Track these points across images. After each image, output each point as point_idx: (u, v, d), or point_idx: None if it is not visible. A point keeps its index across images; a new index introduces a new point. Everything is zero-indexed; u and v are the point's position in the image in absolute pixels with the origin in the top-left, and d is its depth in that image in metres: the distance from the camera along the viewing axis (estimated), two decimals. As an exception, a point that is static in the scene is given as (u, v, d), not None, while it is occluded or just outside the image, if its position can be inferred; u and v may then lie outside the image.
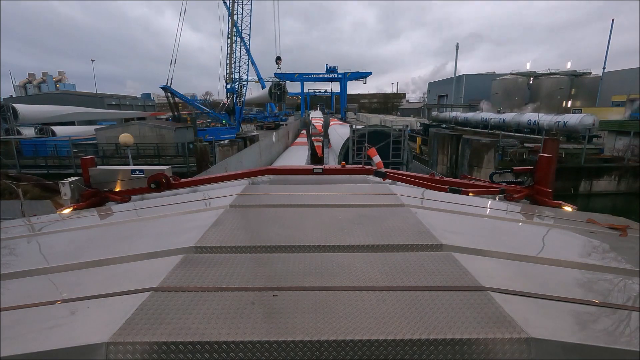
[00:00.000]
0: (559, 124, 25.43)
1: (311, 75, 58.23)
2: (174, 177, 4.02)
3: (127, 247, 1.93)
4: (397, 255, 1.62)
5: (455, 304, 1.18)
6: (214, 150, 20.25)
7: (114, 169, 4.25)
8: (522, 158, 18.79)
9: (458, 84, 55.64)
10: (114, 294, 1.27)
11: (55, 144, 27.14)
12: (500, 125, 31.90)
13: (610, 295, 1.39)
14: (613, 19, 42.71)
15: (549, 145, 16.39)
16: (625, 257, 1.90)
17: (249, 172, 4.37)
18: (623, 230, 2.37)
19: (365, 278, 1.39)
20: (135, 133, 22.68)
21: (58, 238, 2.20)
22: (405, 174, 4.28)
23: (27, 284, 1.48)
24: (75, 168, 20.73)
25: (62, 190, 3.73)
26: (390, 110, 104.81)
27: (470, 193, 3.73)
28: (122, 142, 11.52)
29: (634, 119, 25.11)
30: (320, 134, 26.10)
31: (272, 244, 1.73)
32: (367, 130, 15.85)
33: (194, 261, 1.54)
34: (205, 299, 1.22)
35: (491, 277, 1.41)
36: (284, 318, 1.10)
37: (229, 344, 0.99)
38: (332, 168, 4.51)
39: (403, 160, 15.10)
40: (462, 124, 38.94)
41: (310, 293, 1.27)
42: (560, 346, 0.99)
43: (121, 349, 0.96)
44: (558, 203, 3.48)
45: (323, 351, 0.99)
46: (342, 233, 1.89)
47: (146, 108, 70.59)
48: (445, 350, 1.00)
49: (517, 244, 2.00)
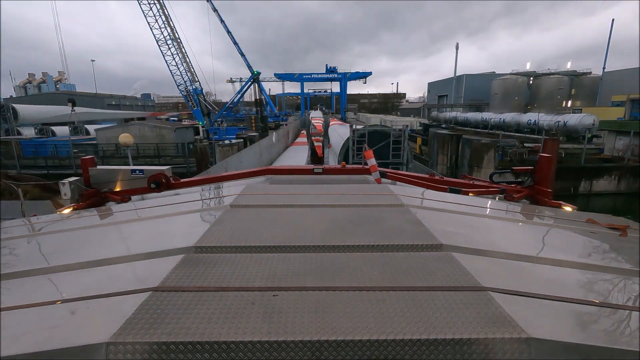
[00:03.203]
0: (559, 124, 25.44)
1: (311, 75, 58.31)
2: (174, 177, 4.02)
3: (127, 247, 1.93)
4: (397, 255, 1.62)
5: (455, 304, 1.18)
6: (213, 150, 20.25)
7: (114, 169, 4.25)
8: (522, 158, 18.80)
9: (458, 83, 55.56)
10: (114, 294, 1.27)
11: (55, 144, 27.16)
12: (500, 125, 31.90)
13: (610, 295, 1.39)
14: (613, 19, 42.80)
15: (549, 145, 16.42)
16: (625, 257, 1.90)
17: (249, 172, 4.37)
18: (623, 230, 2.37)
19: (365, 278, 1.39)
20: (135, 133, 22.73)
21: (58, 238, 2.20)
22: (405, 174, 4.28)
23: (27, 284, 1.48)
24: (75, 168, 20.77)
25: (62, 190, 3.73)
26: (390, 110, 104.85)
27: (470, 193, 3.73)
28: (122, 142, 11.54)
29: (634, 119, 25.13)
30: (320, 134, 26.12)
31: (272, 244, 1.72)
32: (367, 130, 15.82)
33: (194, 261, 1.54)
34: (205, 299, 1.22)
35: (491, 277, 1.41)
36: (284, 318, 1.10)
37: (229, 344, 0.99)
38: (332, 168, 4.51)
39: (403, 160, 15.08)
40: (462, 124, 38.93)
41: (310, 293, 1.27)
42: (560, 346, 0.99)
43: (121, 349, 0.96)
44: (558, 203, 3.48)
45: (323, 351, 0.99)
46: (342, 233, 1.89)
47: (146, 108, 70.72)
48: (445, 350, 1.00)
49: (517, 244, 2.00)
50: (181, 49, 31.69)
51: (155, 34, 30.30)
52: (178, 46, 31.37)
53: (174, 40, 31.02)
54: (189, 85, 32.79)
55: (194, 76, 33.09)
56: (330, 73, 57.84)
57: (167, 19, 30.35)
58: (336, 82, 59.65)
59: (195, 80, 33.29)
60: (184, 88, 32.78)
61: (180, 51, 31.61)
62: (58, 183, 3.80)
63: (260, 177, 4.40)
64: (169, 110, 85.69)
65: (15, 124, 33.60)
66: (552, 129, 25.37)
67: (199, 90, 33.68)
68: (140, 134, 26.78)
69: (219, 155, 18.79)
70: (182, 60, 31.84)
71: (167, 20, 30.33)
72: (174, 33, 30.86)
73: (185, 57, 32.11)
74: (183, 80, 32.39)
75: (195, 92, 33.38)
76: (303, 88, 61.99)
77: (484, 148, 18.82)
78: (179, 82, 32.48)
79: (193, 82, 33.04)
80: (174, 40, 31.03)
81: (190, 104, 33.91)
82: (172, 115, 61.79)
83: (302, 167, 4.70)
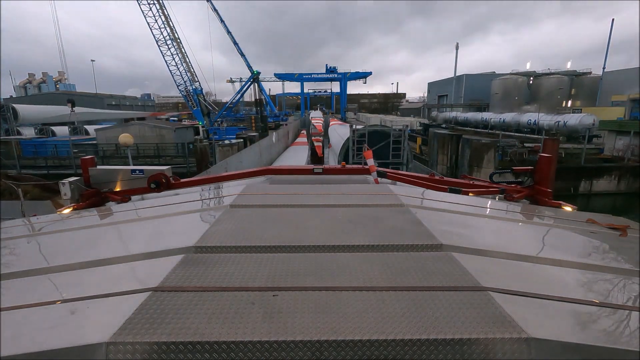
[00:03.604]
0: (558, 124, 25.44)
1: (311, 75, 58.35)
2: (174, 177, 4.02)
3: (127, 247, 1.93)
4: (397, 255, 1.62)
5: (455, 304, 1.18)
6: (213, 150, 20.24)
7: (114, 169, 4.25)
8: (522, 158, 18.79)
9: (458, 83, 55.60)
10: (114, 294, 1.27)
11: (55, 144, 27.18)
12: (500, 125, 31.91)
13: (610, 295, 1.39)
14: (613, 19, 42.81)
15: (549, 145, 16.42)
16: (625, 257, 1.90)
17: (249, 172, 4.37)
18: (623, 230, 2.37)
19: (365, 278, 1.39)
20: (135, 133, 22.71)
21: (58, 238, 2.20)
22: (405, 174, 4.29)
23: (27, 284, 1.48)
24: (75, 168, 20.76)
25: (62, 190, 3.73)
26: (390, 110, 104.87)
27: (470, 193, 3.73)
28: (122, 143, 11.55)
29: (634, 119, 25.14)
30: (320, 134, 26.14)
31: (272, 244, 1.72)
32: (367, 130, 15.83)
33: (194, 261, 1.54)
34: (205, 299, 1.22)
35: (491, 277, 1.41)
36: (284, 318, 1.10)
37: (229, 344, 0.98)
38: (332, 168, 4.51)
39: (403, 160, 15.08)
40: (462, 124, 38.93)
41: (310, 293, 1.27)
42: (560, 346, 0.99)
43: (121, 349, 0.96)
44: (558, 203, 3.48)
45: (323, 351, 0.99)
46: (342, 233, 1.89)
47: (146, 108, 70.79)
48: (445, 350, 1.00)
49: (517, 244, 2.00)
50: (181, 49, 31.75)
51: (155, 34, 30.35)
52: (178, 46, 31.42)
53: (173, 40, 31.06)
54: (188, 85, 32.85)
55: (194, 76, 33.15)
56: (330, 73, 57.90)
57: (167, 19, 30.39)
58: (336, 82, 59.71)
59: (195, 80, 33.35)
60: (183, 88, 32.84)
61: (180, 51, 31.67)
62: (58, 183, 3.80)
63: (260, 177, 4.41)
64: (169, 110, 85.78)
65: (15, 124, 33.62)
66: (552, 129, 25.38)
67: (198, 90, 33.74)
68: (140, 134, 26.78)
69: (219, 155, 18.78)
70: (182, 60, 31.90)
71: (167, 20, 30.37)
72: (173, 33, 30.91)
73: (185, 57, 32.18)
74: (183, 80, 32.46)
75: (195, 92, 33.43)
76: (303, 88, 62.05)
77: (484, 148, 18.82)
78: (178, 82, 32.54)
79: (193, 82, 33.09)
80: (173, 40, 31.07)
81: (190, 104, 33.99)
82: (172, 115, 61.88)
83: (302, 167, 4.70)
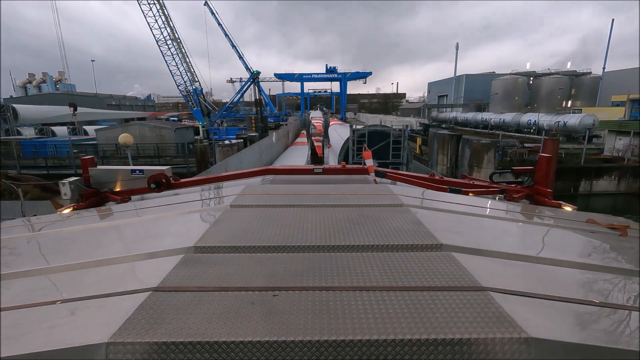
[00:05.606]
0: (558, 124, 25.45)
1: (311, 75, 58.36)
2: (174, 177, 4.02)
3: (127, 247, 1.93)
4: (397, 255, 1.62)
5: (455, 304, 1.18)
6: (213, 150, 20.24)
7: (114, 169, 4.25)
8: (522, 158, 18.80)
9: (458, 83, 55.64)
10: (114, 294, 1.27)
11: (55, 144, 27.17)
12: (500, 125, 31.91)
13: (610, 295, 1.39)
14: (613, 19, 42.81)
15: (549, 145, 16.42)
16: (625, 257, 1.90)
17: (249, 172, 4.37)
18: (623, 230, 2.37)
19: (365, 278, 1.39)
20: (135, 133, 22.71)
21: (58, 238, 2.20)
22: (405, 174, 4.29)
23: (27, 284, 1.48)
24: (75, 168, 20.75)
25: (62, 190, 3.73)
26: (390, 110, 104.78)
27: (470, 193, 3.73)
28: (122, 143, 11.54)
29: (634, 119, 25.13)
30: (320, 134, 26.13)
31: (272, 244, 1.72)
32: (367, 130, 15.83)
33: (194, 261, 1.54)
34: (205, 299, 1.22)
35: (491, 277, 1.41)
36: (284, 318, 1.10)
37: (229, 344, 0.98)
38: (332, 168, 4.51)
39: (403, 160, 15.08)
40: (462, 124, 38.93)
41: (310, 293, 1.27)
42: (560, 346, 0.99)
43: (121, 349, 0.96)
44: (558, 203, 3.48)
45: (323, 351, 0.99)
46: (342, 233, 1.89)
47: (146, 108, 70.77)
48: (445, 350, 0.99)
49: (517, 244, 2.00)
50: (181, 49, 31.73)
51: (155, 34, 30.33)
52: (178, 46, 31.39)
53: (173, 40, 31.04)
54: (189, 86, 32.83)
55: (194, 76, 33.12)
56: (330, 73, 57.90)
57: (167, 19, 30.37)
58: (336, 82, 59.71)
59: (195, 80, 33.33)
60: (183, 88, 32.82)
61: (180, 51, 31.65)
62: (58, 183, 3.80)
63: (260, 177, 4.41)
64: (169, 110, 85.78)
65: (15, 124, 33.63)
66: (552, 129, 25.38)
67: (198, 90, 33.71)
68: (140, 134, 26.78)
69: (219, 155, 18.78)
70: (182, 60, 31.88)
71: (167, 20, 30.35)
72: (173, 33, 30.87)
73: (185, 57, 32.15)
74: (183, 80, 32.44)
75: (195, 92, 33.41)
76: (303, 88, 62.05)
77: (484, 148, 18.83)
78: (178, 82, 32.52)
79: (193, 82, 33.06)
80: (173, 41, 31.05)
81: (190, 104, 33.96)
82: (172, 116, 61.87)
83: (302, 167, 4.70)
